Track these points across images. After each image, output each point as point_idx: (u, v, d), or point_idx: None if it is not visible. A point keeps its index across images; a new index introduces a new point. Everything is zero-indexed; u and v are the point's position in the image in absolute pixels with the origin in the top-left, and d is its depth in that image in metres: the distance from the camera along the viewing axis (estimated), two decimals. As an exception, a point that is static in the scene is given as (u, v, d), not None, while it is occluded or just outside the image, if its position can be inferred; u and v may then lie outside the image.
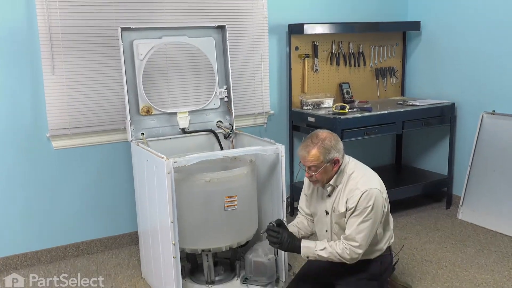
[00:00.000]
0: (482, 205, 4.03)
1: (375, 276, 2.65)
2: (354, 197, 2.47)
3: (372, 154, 4.80)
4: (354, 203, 2.46)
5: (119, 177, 3.67)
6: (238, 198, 2.87)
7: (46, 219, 3.51)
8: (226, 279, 3.10)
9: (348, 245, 2.46)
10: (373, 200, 2.45)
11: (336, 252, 2.47)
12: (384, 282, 2.72)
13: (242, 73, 3.98)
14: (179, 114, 3.32)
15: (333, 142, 2.52)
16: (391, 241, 2.71)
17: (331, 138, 2.53)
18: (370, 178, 2.55)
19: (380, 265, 2.65)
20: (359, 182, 2.51)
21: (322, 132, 2.56)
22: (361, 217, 2.45)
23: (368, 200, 2.45)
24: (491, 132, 3.99)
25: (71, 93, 3.42)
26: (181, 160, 2.65)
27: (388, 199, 2.61)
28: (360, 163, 2.67)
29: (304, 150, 2.53)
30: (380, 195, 2.49)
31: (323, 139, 2.51)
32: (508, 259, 3.43)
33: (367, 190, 2.46)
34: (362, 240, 2.46)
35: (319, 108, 4.13)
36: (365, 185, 2.49)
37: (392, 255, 2.76)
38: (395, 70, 4.65)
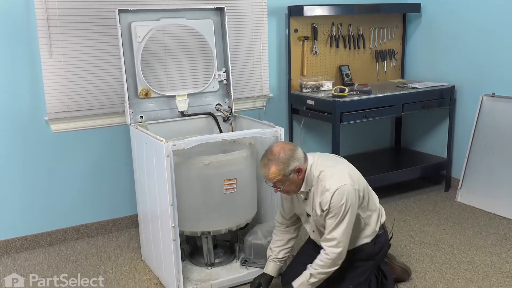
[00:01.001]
0: (480, 188, 4.04)
1: (371, 256, 2.67)
2: (326, 198, 2.45)
3: (371, 137, 4.80)
4: (327, 205, 2.44)
5: (118, 160, 3.67)
6: (237, 181, 2.88)
7: (45, 203, 3.52)
8: (225, 261, 3.12)
9: (326, 247, 2.46)
10: (345, 197, 2.42)
11: (320, 268, 2.48)
12: (380, 260, 2.74)
13: (241, 55, 3.96)
14: (178, 97, 3.31)
15: (289, 152, 2.47)
16: (381, 219, 2.71)
17: (285, 149, 2.48)
18: (338, 175, 2.49)
19: (374, 246, 2.66)
20: (328, 182, 2.46)
21: (276, 146, 2.51)
22: (337, 218, 2.44)
23: (340, 199, 2.42)
24: (490, 114, 3.99)
25: (69, 76, 3.41)
26: (180, 143, 2.65)
27: (363, 184, 2.59)
28: (326, 159, 2.61)
29: (263, 169, 2.50)
30: (351, 189, 2.45)
31: (278, 154, 2.46)
32: (506, 241, 3.45)
33: (337, 189, 2.42)
34: (341, 236, 2.45)
35: (318, 91, 4.12)
36: (334, 184, 2.44)
37: (386, 233, 2.77)
38: (395, 53, 4.63)
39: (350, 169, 2.58)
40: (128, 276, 3.12)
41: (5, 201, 3.40)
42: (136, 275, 3.13)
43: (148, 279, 3.09)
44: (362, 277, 2.65)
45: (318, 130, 4.41)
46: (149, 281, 3.06)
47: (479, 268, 3.11)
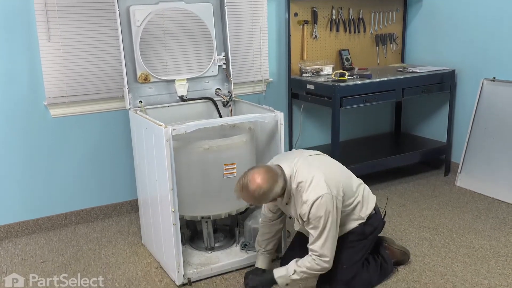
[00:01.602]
0: (480, 172, 4.04)
1: (364, 236, 2.67)
2: (304, 211, 2.42)
3: (371, 122, 4.80)
4: (306, 216, 2.42)
5: (118, 145, 3.67)
6: (237, 165, 2.88)
7: (45, 187, 3.53)
8: (225, 246, 3.14)
9: (315, 257, 2.45)
10: (324, 208, 2.38)
11: (306, 269, 2.47)
12: (374, 239, 2.76)
13: (241, 40, 3.94)
14: (177, 82, 3.29)
15: (264, 189, 2.35)
16: (369, 206, 2.68)
17: (260, 187, 2.35)
18: (315, 185, 2.41)
19: (364, 227, 2.66)
20: (305, 195, 2.41)
21: (251, 183, 2.35)
22: (317, 229, 2.41)
23: (317, 211, 2.38)
24: (491, 99, 3.98)
25: (67, 60, 3.39)
26: (179, 128, 2.65)
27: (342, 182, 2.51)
28: (303, 165, 2.49)
29: (241, 196, 2.44)
30: (329, 198, 2.39)
31: (252, 192, 2.36)
32: (505, 225, 3.46)
33: (315, 201, 2.38)
34: (327, 250, 2.43)
35: (318, 75, 4.10)
36: (311, 196, 2.39)
37: (379, 212, 2.76)
38: (395, 37, 4.60)
39: (327, 172, 2.48)
40: (129, 260, 3.14)
41: (5, 186, 3.41)
42: (137, 259, 3.15)
43: (149, 263, 3.10)
44: (356, 257, 2.66)
45: (318, 114, 4.40)
46: (149, 265, 3.07)
47: (478, 252, 3.13)
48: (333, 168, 2.60)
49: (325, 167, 2.55)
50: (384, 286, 2.78)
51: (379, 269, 2.78)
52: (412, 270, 2.93)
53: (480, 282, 2.80)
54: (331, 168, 2.59)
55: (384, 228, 3.34)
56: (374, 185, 4.20)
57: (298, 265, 2.50)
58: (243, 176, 2.42)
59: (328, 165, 2.61)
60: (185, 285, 2.82)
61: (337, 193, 2.45)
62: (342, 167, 2.71)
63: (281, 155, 2.72)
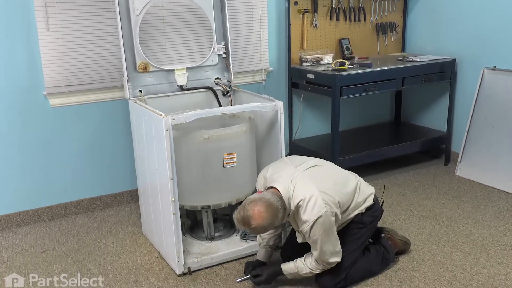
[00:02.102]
0: (480, 162, 4.04)
1: (365, 225, 2.69)
2: (305, 229, 2.44)
3: (371, 111, 4.79)
4: (307, 234, 2.45)
5: (118, 135, 3.66)
6: (237, 155, 2.88)
7: (45, 177, 3.52)
8: (225, 235, 3.14)
9: (327, 264, 2.54)
10: (324, 225, 2.41)
11: (319, 271, 2.57)
12: (373, 227, 2.77)
13: (241, 29, 3.92)
14: (176, 71, 3.28)
15: (265, 224, 2.35)
16: (368, 199, 2.69)
17: (261, 224, 2.34)
18: (315, 202, 2.40)
19: (362, 216, 2.68)
20: (306, 212, 2.41)
21: (253, 220, 2.33)
22: (319, 244, 2.46)
23: (318, 229, 2.41)
24: (491, 88, 3.97)
25: (66, 49, 3.37)
26: (179, 117, 2.64)
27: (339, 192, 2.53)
28: (302, 182, 2.47)
29: (241, 228, 2.46)
30: (328, 214, 2.41)
31: (254, 228, 2.36)
32: (504, 214, 3.47)
33: (316, 220, 2.39)
34: (336, 257, 2.53)
35: (318, 64, 4.09)
36: (311, 214, 2.40)
37: (377, 202, 2.77)
38: (396, 26, 4.58)
39: (323, 187, 2.46)
40: (129, 250, 3.15)
41: (5, 176, 3.40)
42: (137, 249, 3.16)
43: (149, 252, 3.11)
44: (355, 244, 2.68)
45: (318, 104, 4.39)
46: (149, 255, 3.08)
47: (477, 241, 3.13)
48: (328, 181, 2.55)
49: (321, 182, 2.51)
50: (384, 275, 2.79)
51: (380, 258, 2.79)
52: (412, 259, 2.94)
53: (479, 271, 2.81)
54: (327, 181, 2.55)
55: (384, 218, 3.36)
56: (374, 175, 4.20)
57: (310, 268, 2.57)
58: (242, 209, 2.39)
59: (324, 178, 2.57)
60: (185, 275, 2.83)
61: (336, 207, 2.48)
62: (338, 175, 2.67)
63: (274, 169, 2.63)
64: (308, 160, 2.67)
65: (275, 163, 2.73)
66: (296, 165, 2.60)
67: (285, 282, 2.72)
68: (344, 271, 2.63)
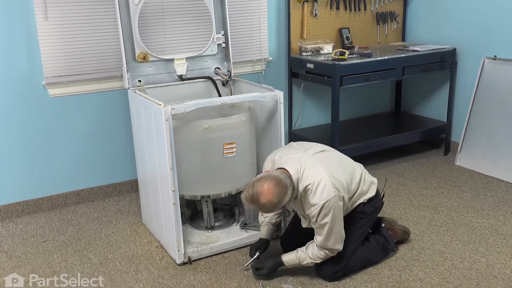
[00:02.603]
0: (480, 151, 4.04)
1: (366, 215, 2.71)
2: (312, 213, 2.44)
3: (371, 101, 4.78)
4: (315, 217, 2.45)
5: (117, 125, 3.66)
6: (236, 145, 2.88)
7: (45, 167, 3.53)
8: (225, 225, 3.15)
9: (329, 251, 2.55)
10: (332, 210, 2.42)
11: (320, 259, 2.59)
12: (374, 217, 2.79)
13: (240, 18, 3.90)
14: (176, 61, 3.27)
15: (275, 202, 2.35)
16: (371, 189, 2.71)
17: (271, 201, 2.34)
18: (323, 188, 2.41)
19: (364, 206, 2.69)
20: (315, 196, 2.42)
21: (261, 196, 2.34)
22: (325, 229, 2.46)
23: (327, 213, 2.42)
24: (492, 77, 3.96)
25: (65, 39, 3.36)
26: (179, 107, 2.63)
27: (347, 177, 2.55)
28: (311, 165, 2.48)
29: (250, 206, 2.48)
30: (336, 199, 2.43)
31: (262, 205, 2.37)
32: (503, 203, 3.48)
33: (324, 204, 2.40)
34: (338, 244, 2.54)
35: (318, 54, 4.07)
36: (320, 198, 2.41)
37: (379, 194, 2.79)
38: (396, 15, 4.56)
39: (332, 172, 2.48)
40: (129, 240, 3.16)
41: (5, 166, 3.41)
42: (137, 239, 3.17)
43: (149, 242, 3.12)
44: (356, 234, 2.69)
45: (318, 94, 4.38)
46: (150, 244, 3.09)
47: (477, 230, 3.14)
48: (337, 166, 2.57)
49: (330, 166, 2.53)
50: (384, 264, 2.80)
51: (380, 248, 2.80)
52: (411, 248, 2.95)
53: (478, 260, 2.82)
54: (336, 166, 2.57)
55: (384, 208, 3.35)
56: (374, 165, 4.21)
57: (311, 257, 2.58)
58: (251, 187, 2.39)
59: (332, 163, 2.58)
60: (185, 264, 2.84)
61: (343, 192, 2.49)
62: (345, 161, 2.70)
63: (283, 152, 2.64)
64: (317, 146, 2.69)
65: (283, 148, 2.75)
66: (305, 149, 2.61)
67: (286, 272, 2.73)
68: (344, 261, 2.64)
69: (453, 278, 2.66)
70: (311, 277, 2.69)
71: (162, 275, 2.76)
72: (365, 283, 2.64)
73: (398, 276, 2.69)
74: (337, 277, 2.64)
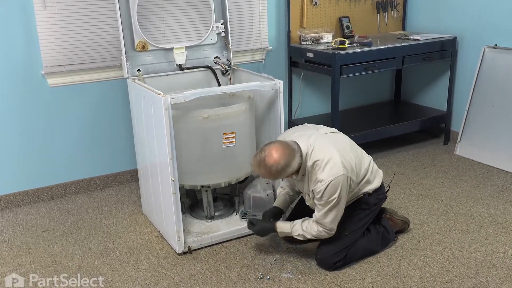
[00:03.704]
0: (479, 141, 4.04)
1: (370, 206, 2.72)
2: (318, 188, 2.44)
3: (371, 90, 4.77)
4: (320, 193, 2.45)
5: (117, 114, 3.65)
6: (236, 134, 2.87)
7: (45, 157, 3.52)
8: (225, 214, 3.15)
9: (323, 229, 2.54)
10: (339, 189, 2.43)
11: (311, 236, 2.58)
12: (376, 210, 2.79)
13: (240, 7, 3.87)
14: (175, 50, 3.26)
15: (282, 164, 2.38)
16: (377, 180, 2.72)
17: (278, 163, 2.37)
18: (332, 165, 2.43)
19: (369, 197, 2.71)
20: (322, 174, 2.43)
21: (269, 158, 2.37)
22: (327, 206, 2.47)
23: (332, 191, 2.42)
24: (492, 66, 3.94)
25: (64, 28, 3.34)
26: (178, 97, 2.63)
27: (354, 166, 2.54)
28: (321, 144, 2.50)
29: (258, 171, 2.46)
30: (344, 179, 2.44)
31: (270, 167, 2.38)
32: (503, 193, 3.48)
33: (332, 181, 2.41)
34: (335, 225, 2.55)
35: (318, 43, 4.05)
36: (329, 174, 2.42)
37: (383, 186, 2.80)
38: (396, 3, 4.53)
39: (343, 152, 2.50)
40: (129, 229, 3.16)
41: (5, 156, 3.40)
42: (137, 228, 3.17)
43: (149, 231, 3.13)
44: (358, 225, 2.70)
45: (318, 83, 4.37)
46: (150, 234, 3.10)
47: (476, 219, 3.15)
48: (347, 148, 2.59)
49: (341, 146, 2.55)
50: (383, 253, 2.81)
51: (380, 238, 2.81)
52: (411, 238, 2.96)
53: (477, 249, 2.83)
54: (346, 147, 2.58)
55: (384, 197, 3.36)
56: (374, 154, 4.17)
57: (304, 230, 2.58)
58: (260, 151, 2.43)
59: (343, 144, 2.60)
60: (185, 253, 2.85)
61: (352, 173, 2.50)
62: (355, 146, 2.71)
63: (295, 130, 2.68)
64: (329, 128, 2.72)
65: (296, 127, 2.76)
66: (318, 129, 2.65)
67: (286, 261, 2.74)
68: (344, 251, 2.65)
69: (452, 267, 2.66)
70: (311, 266, 2.70)
71: (162, 265, 2.77)
72: (364, 272, 2.65)
73: (397, 265, 2.70)
74: (337, 266, 2.65)
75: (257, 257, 2.80)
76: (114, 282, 2.63)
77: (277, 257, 2.79)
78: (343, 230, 2.66)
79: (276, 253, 2.83)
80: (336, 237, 2.63)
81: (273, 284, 2.57)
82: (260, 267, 2.71)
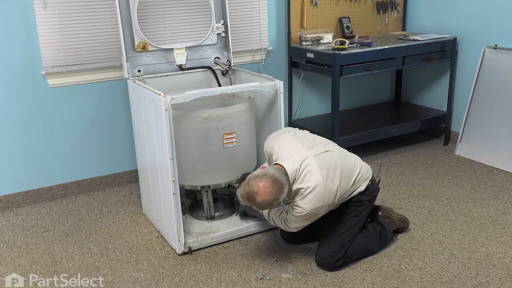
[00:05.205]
0: (480, 141, 4.04)
1: (363, 203, 2.71)
2: (297, 211, 2.47)
3: (372, 91, 4.77)
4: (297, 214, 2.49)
5: (117, 115, 3.65)
6: (236, 135, 2.87)
7: (45, 158, 3.52)
8: (225, 215, 3.15)
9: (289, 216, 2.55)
10: (315, 215, 2.49)
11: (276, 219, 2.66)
12: (370, 205, 2.79)
13: (240, 7, 3.88)
14: (175, 50, 3.26)
15: (271, 201, 2.37)
16: (366, 182, 2.70)
17: (267, 201, 2.37)
18: (318, 193, 2.42)
19: (361, 195, 2.70)
20: (304, 200, 2.44)
21: (258, 196, 2.35)
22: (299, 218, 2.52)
23: (309, 216, 2.48)
24: (492, 67, 3.94)
25: (64, 29, 3.34)
26: (178, 97, 2.63)
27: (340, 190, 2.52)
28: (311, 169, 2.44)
29: (246, 203, 2.45)
30: (323, 207, 2.47)
31: (258, 204, 2.39)
32: (503, 193, 3.48)
33: (310, 211, 2.44)
34: (295, 228, 2.61)
35: (318, 43, 4.06)
36: (309, 204, 2.43)
37: (374, 182, 2.79)
38: (397, 4, 4.53)
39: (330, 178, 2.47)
40: (130, 230, 3.16)
41: (5, 156, 3.40)
42: (137, 229, 3.17)
43: (149, 232, 3.13)
44: (353, 222, 2.70)
45: (318, 83, 4.37)
46: (150, 234, 3.10)
47: (476, 220, 3.15)
48: (337, 170, 2.51)
49: (330, 170, 2.48)
50: (383, 253, 2.81)
51: (378, 236, 2.81)
52: (411, 238, 2.96)
53: (478, 249, 2.83)
54: (336, 170, 2.51)
55: (384, 197, 3.38)
56: (374, 154, 4.21)
57: (275, 214, 2.66)
58: (247, 184, 2.39)
59: (333, 167, 2.51)
60: (185, 254, 2.85)
61: (334, 197, 2.50)
62: (346, 161, 2.62)
63: (285, 143, 2.59)
64: (319, 143, 2.61)
65: (284, 134, 2.67)
66: (308, 147, 2.55)
67: (286, 261, 2.74)
68: (343, 249, 2.65)
69: (453, 268, 2.66)
70: (311, 266, 2.70)
71: (163, 265, 2.77)
72: (364, 272, 2.65)
73: (397, 265, 2.70)
74: (337, 266, 2.65)
75: (257, 258, 2.80)
76: (114, 282, 2.63)
77: (277, 257, 2.79)
78: (339, 229, 2.66)
79: (276, 253, 2.84)
80: (332, 236, 2.65)
81: (273, 285, 2.57)
82: (260, 267, 2.71)
